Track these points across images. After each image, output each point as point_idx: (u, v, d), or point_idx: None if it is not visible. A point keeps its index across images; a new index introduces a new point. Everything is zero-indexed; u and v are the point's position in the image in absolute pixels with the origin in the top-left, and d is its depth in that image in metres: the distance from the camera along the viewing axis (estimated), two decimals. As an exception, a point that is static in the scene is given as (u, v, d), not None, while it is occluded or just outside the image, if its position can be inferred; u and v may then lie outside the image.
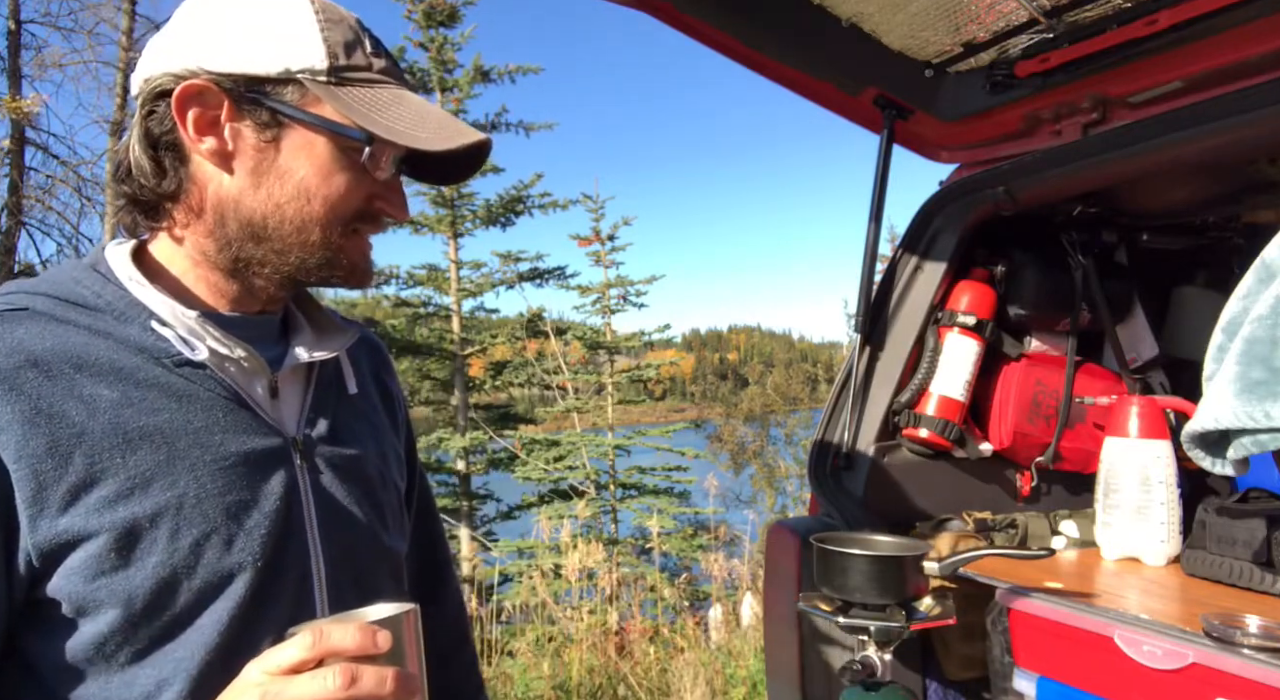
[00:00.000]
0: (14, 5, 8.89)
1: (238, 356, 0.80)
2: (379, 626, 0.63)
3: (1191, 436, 0.80)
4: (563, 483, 8.95)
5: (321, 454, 0.84)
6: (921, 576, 1.21)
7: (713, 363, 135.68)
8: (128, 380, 0.73)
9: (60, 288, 0.76)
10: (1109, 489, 1.54)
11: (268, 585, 0.76)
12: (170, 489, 0.72)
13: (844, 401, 1.72)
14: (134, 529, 0.70)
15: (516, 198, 9.45)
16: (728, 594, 5.32)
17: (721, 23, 1.42)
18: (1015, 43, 1.49)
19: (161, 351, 0.76)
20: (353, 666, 0.61)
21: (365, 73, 0.80)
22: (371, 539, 0.87)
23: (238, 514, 0.75)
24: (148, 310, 0.77)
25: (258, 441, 0.79)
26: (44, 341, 0.72)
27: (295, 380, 0.87)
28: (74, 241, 9.19)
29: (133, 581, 0.70)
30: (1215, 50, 1.30)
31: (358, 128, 0.77)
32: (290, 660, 0.62)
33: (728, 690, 3.74)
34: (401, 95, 0.82)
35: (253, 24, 0.77)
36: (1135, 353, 1.93)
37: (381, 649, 0.62)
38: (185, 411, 0.75)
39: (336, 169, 0.79)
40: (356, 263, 0.84)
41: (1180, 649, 1.08)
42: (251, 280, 0.82)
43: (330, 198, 0.80)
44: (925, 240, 1.74)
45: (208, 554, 0.73)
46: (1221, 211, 1.79)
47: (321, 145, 0.79)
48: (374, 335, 1.06)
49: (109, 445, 0.70)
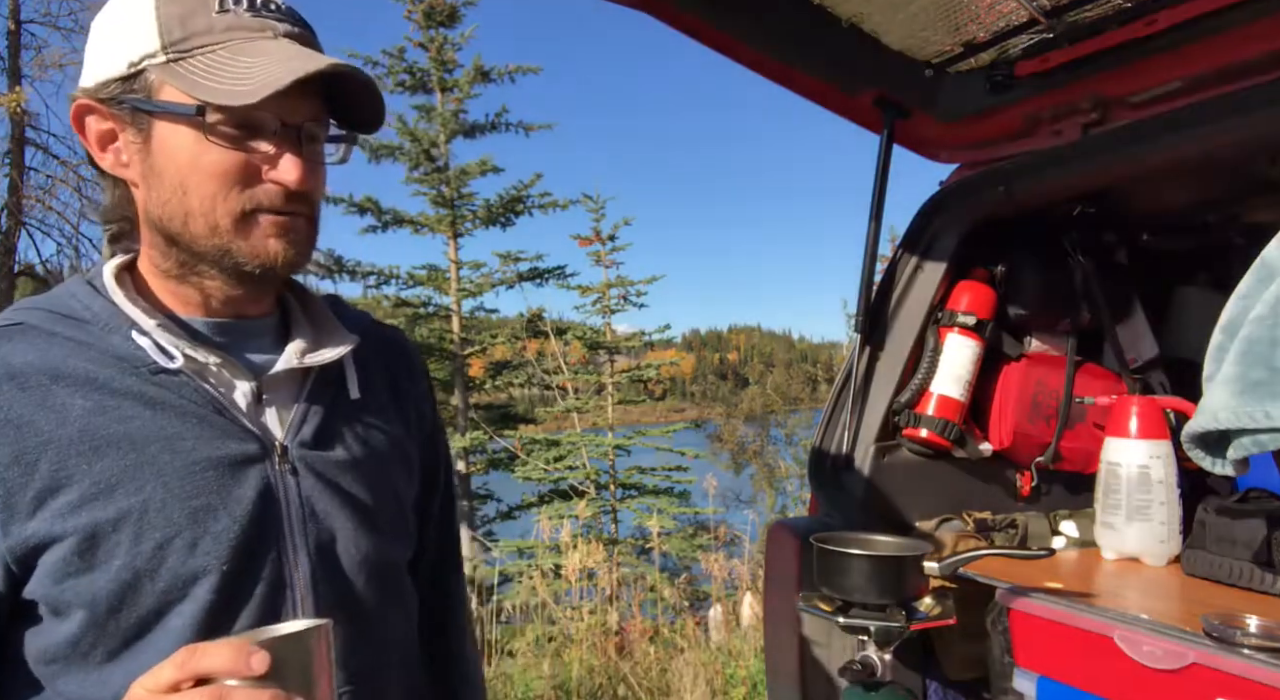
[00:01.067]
0: (14, 5, 8.89)
1: (213, 363, 0.79)
2: (263, 647, 0.59)
3: (1191, 436, 0.81)
4: (563, 483, 8.95)
5: (306, 459, 0.83)
6: (921, 576, 1.21)
7: (713, 363, 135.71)
8: (102, 389, 0.75)
9: (57, 302, 0.79)
10: (1109, 489, 1.54)
11: (236, 590, 0.76)
12: (136, 494, 0.73)
13: (844, 402, 1.72)
14: (97, 533, 0.71)
15: (516, 198, 9.46)
16: (728, 594, 5.32)
17: (721, 23, 1.42)
18: (1015, 43, 1.49)
19: (139, 360, 0.76)
20: (220, 689, 0.58)
21: (205, 37, 0.75)
22: (359, 546, 0.85)
23: (204, 518, 0.75)
24: (130, 320, 0.78)
25: (232, 447, 0.78)
26: (25, 355, 0.74)
27: (289, 385, 0.86)
28: (74, 241, 9.21)
29: (96, 583, 0.71)
30: (1215, 50, 1.30)
31: (192, 101, 0.74)
32: (166, 679, 0.60)
33: (728, 690, 3.74)
34: (244, 48, 0.75)
35: (106, 30, 0.78)
36: (1135, 353, 1.92)
37: (255, 671, 0.58)
38: (157, 418, 0.75)
39: (200, 152, 0.76)
40: (259, 250, 0.78)
41: (1180, 649, 1.08)
42: (202, 283, 0.81)
43: (201, 185, 0.76)
44: (925, 240, 1.73)
45: (171, 558, 0.73)
46: (1221, 211, 1.79)
47: (179, 132, 0.76)
48: (404, 339, 1.04)
49: (76, 452, 0.72)
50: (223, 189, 0.76)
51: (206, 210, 0.76)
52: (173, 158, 0.76)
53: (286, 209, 0.78)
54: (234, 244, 0.78)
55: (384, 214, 9.20)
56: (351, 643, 0.82)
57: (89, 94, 0.78)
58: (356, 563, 0.85)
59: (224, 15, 0.76)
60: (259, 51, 0.75)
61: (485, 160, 9.16)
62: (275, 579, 0.78)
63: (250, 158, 0.76)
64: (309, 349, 0.86)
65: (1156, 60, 1.37)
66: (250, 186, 0.77)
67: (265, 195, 0.77)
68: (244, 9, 0.76)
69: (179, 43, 0.75)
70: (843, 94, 1.61)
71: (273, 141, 0.77)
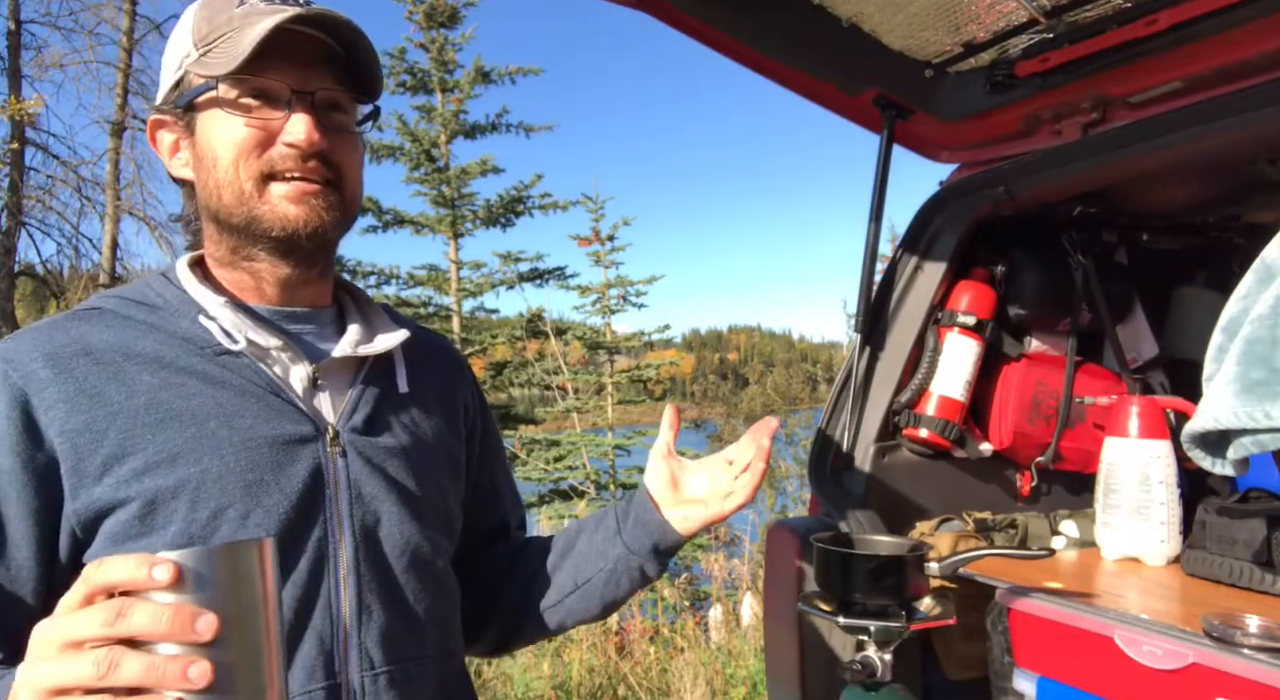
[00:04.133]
0: (14, 5, 8.89)
1: (273, 347, 0.85)
2: (170, 560, 0.53)
3: (1191, 436, 0.81)
4: (563, 483, 8.94)
5: (356, 444, 0.87)
6: (921, 576, 1.21)
7: (713, 363, 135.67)
8: (169, 367, 0.81)
9: (133, 291, 0.87)
10: (1109, 489, 1.54)
11: (281, 563, 0.76)
12: (195, 465, 0.77)
13: (844, 401, 1.72)
14: (157, 499, 0.76)
15: (516, 198, 9.45)
16: (728, 594, 5.31)
17: (721, 23, 1.42)
18: (1015, 43, 1.49)
19: (204, 342, 0.83)
20: (121, 602, 0.53)
21: (225, 27, 0.82)
22: (402, 532, 0.88)
23: (256, 492, 0.79)
24: (198, 306, 0.85)
25: (287, 427, 0.83)
26: (102, 335, 0.81)
27: (343, 372, 0.91)
28: (74, 241, 9.21)
29: (153, 547, 0.74)
30: (1215, 50, 1.30)
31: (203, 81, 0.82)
32: (78, 595, 0.57)
33: (728, 690, 3.74)
34: (244, 29, 0.80)
35: (167, 49, 0.89)
36: (1135, 353, 1.92)
37: (159, 582, 0.52)
38: (218, 396, 0.81)
39: (222, 126, 0.83)
40: (279, 213, 0.83)
41: (1180, 649, 1.08)
42: (253, 267, 0.88)
43: (224, 155, 0.83)
44: (925, 240, 1.73)
45: (224, 527, 0.77)
46: (1221, 211, 1.79)
47: (208, 116, 0.84)
48: (451, 345, 1.12)
49: (142, 423, 0.77)
50: (242, 155, 0.82)
51: (231, 179, 0.83)
52: (206, 139, 0.84)
53: (303, 173, 0.83)
54: (258, 209, 0.83)
55: (384, 214, 9.19)
56: (389, 627, 0.85)
57: (155, 109, 0.88)
58: (399, 548, 0.88)
59: (242, 6, 0.83)
60: (252, 25, 0.80)
61: (486, 161, 9.15)
62: (319, 556, 0.82)
63: (267, 124, 0.82)
64: (363, 340, 0.92)
65: (1156, 60, 1.37)
66: (266, 150, 0.82)
67: (280, 158, 0.83)
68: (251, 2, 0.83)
69: (205, 38, 0.83)
70: (843, 94, 1.61)
71: (284, 108, 0.82)
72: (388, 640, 0.85)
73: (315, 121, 0.82)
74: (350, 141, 0.88)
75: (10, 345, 0.80)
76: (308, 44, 0.83)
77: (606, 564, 0.99)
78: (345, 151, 0.87)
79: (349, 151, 0.88)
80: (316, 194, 0.84)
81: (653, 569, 0.99)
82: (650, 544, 0.97)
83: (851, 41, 1.50)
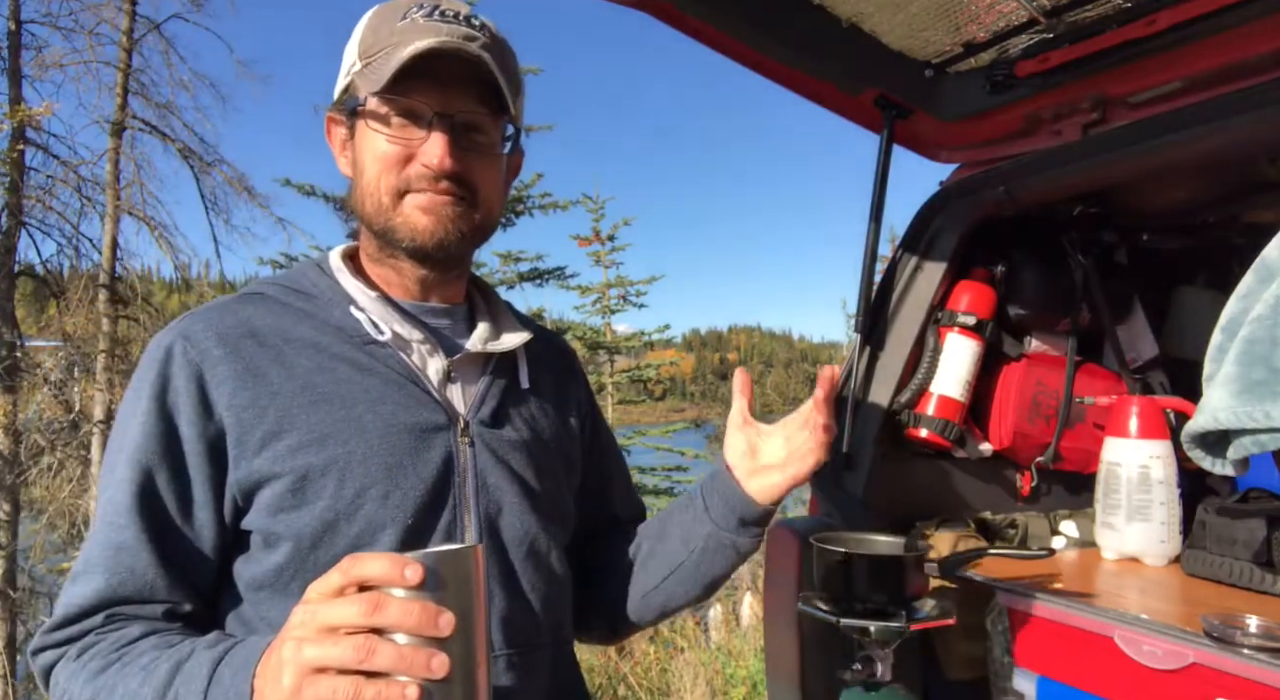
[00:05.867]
0: (14, 5, 8.88)
1: (415, 339, 0.91)
2: (417, 561, 0.62)
3: (1191, 436, 0.80)
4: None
5: (483, 436, 0.92)
6: (921, 576, 1.21)
7: (713, 363, 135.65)
8: (323, 353, 0.87)
9: (291, 279, 0.94)
10: (1109, 489, 1.54)
11: (413, 543, 0.84)
12: (343, 445, 0.83)
13: (844, 402, 1.72)
14: (309, 474, 0.82)
15: (517, 198, 9.46)
16: (728, 594, 5.32)
17: (721, 23, 1.41)
18: (1015, 43, 1.49)
19: (354, 331, 0.89)
20: (379, 596, 0.61)
21: (386, 41, 0.86)
22: (522, 522, 0.92)
23: (396, 475, 0.84)
24: (349, 297, 0.91)
25: (425, 416, 0.88)
26: (265, 319, 0.88)
27: (473, 367, 0.96)
28: (74, 241, 9.20)
29: (302, 519, 0.81)
30: (1215, 50, 1.30)
31: (362, 93, 0.87)
32: (333, 584, 0.64)
33: (728, 690, 3.74)
34: (399, 46, 0.84)
35: (345, 53, 0.92)
36: (1135, 353, 1.92)
37: (409, 582, 0.61)
38: (365, 382, 0.87)
39: (372, 139, 0.88)
40: (408, 224, 0.88)
41: (1180, 649, 1.08)
42: (397, 265, 0.93)
43: (370, 167, 0.88)
44: (925, 240, 1.73)
45: (366, 506, 0.83)
46: (1221, 211, 1.79)
47: (363, 127, 0.89)
48: (569, 346, 1.16)
49: (297, 404, 0.83)
50: (384, 170, 0.87)
51: (373, 190, 0.88)
52: (359, 148, 0.90)
53: (435, 192, 0.88)
54: (392, 221, 0.88)
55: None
56: (509, 613, 0.89)
57: (330, 108, 0.94)
58: (518, 538, 0.92)
59: (403, 22, 0.87)
60: (406, 44, 0.84)
61: (485, 160, 9.14)
62: (446, 540, 0.87)
63: (409, 143, 0.87)
64: (491, 337, 0.98)
65: (1156, 60, 1.37)
66: (405, 168, 0.87)
67: (416, 177, 0.87)
68: (420, 14, 0.87)
69: (368, 50, 0.88)
70: (843, 94, 1.61)
71: (425, 128, 0.87)
72: (507, 625, 0.88)
73: (450, 144, 0.86)
74: (488, 160, 0.91)
75: (188, 324, 0.86)
76: (455, 63, 0.85)
77: (698, 544, 1.00)
78: (481, 170, 0.90)
79: (484, 170, 0.91)
80: (448, 204, 0.88)
81: (745, 543, 1.00)
82: (735, 518, 0.98)
83: (851, 41, 1.50)
